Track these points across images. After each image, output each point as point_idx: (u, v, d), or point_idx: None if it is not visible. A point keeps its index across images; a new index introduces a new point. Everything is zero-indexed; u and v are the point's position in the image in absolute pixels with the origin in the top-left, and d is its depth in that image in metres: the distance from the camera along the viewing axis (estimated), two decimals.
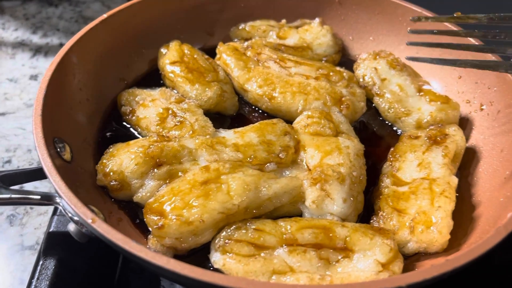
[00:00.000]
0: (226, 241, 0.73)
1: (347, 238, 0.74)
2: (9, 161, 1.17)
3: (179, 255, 0.76)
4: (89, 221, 0.64)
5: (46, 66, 1.46)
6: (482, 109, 0.99)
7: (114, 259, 0.94)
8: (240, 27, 1.22)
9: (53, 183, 0.69)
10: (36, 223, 1.03)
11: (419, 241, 0.77)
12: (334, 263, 0.72)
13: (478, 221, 0.80)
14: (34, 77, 1.42)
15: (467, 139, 0.98)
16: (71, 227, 0.71)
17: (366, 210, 0.85)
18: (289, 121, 0.99)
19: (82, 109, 0.95)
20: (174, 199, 0.75)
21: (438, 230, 0.76)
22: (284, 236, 0.74)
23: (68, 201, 0.66)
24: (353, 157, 0.86)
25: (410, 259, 0.79)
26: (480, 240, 0.67)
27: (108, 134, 0.97)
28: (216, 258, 0.73)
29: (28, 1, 1.74)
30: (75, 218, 0.68)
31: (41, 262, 0.80)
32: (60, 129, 0.84)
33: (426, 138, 0.92)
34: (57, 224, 0.83)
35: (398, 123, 1.03)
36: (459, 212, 0.81)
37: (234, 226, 0.75)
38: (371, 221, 0.82)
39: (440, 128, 0.94)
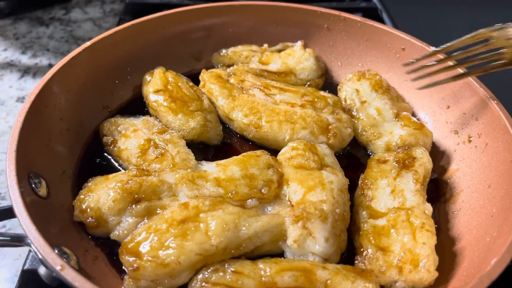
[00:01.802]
0: (203, 284, 0.71)
1: (328, 282, 0.71)
2: None
3: None
4: (58, 268, 0.62)
5: (33, 88, 1.44)
6: (470, 141, 0.97)
7: None
8: (222, 53, 1.21)
9: (22, 225, 0.67)
10: (16, 254, 1.01)
11: (407, 280, 0.76)
12: None
13: (462, 258, 0.79)
14: (21, 99, 1.41)
15: (454, 171, 0.96)
16: (42, 270, 0.69)
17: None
18: (277, 149, 0.98)
19: (62, 140, 0.93)
20: (150, 239, 0.73)
21: (426, 269, 0.75)
22: (263, 278, 0.71)
23: (37, 246, 0.64)
24: (336, 193, 0.84)
25: None
26: None
27: (88, 165, 0.95)
28: None
29: (19, 20, 1.74)
30: (45, 262, 0.66)
31: None
32: (37, 163, 0.83)
33: (394, 163, 0.91)
34: (32, 261, 0.80)
35: (370, 146, 1.02)
36: (440, 244, 0.80)
37: (211, 268, 0.73)
38: (356, 261, 0.80)
39: (407, 150, 0.94)
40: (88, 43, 1.02)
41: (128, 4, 1.55)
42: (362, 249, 0.80)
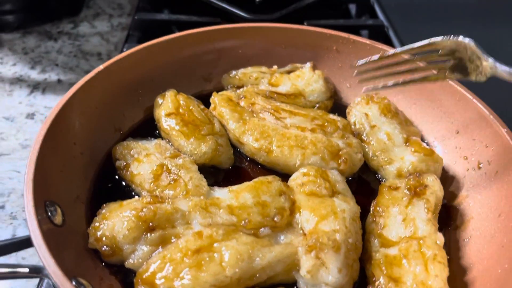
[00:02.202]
0: None
1: None
2: (2, 207, 1.15)
3: None
4: None
5: (43, 104, 1.46)
6: (480, 168, 0.98)
7: None
8: (232, 75, 1.22)
9: (41, 257, 0.68)
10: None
11: None
12: None
13: None
14: (30, 116, 1.42)
15: (464, 197, 0.97)
16: None
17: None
18: (288, 174, 0.99)
19: (76, 164, 0.94)
20: (165, 269, 0.74)
21: None
22: None
23: (55, 279, 0.65)
24: (349, 222, 0.84)
25: None
26: None
27: (101, 189, 0.96)
28: None
29: (28, 34, 1.75)
30: None
31: None
32: (52, 190, 0.83)
33: (406, 190, 0.92)
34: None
35: (381, 171, 1.03)
36: (451, 273, 0.80)
37: None
38: None
39: (418, 178, 0.94)
40: (101, 67, 1.03)
41: (136, 20, 1.56)
42: (374, 279, 0.81)
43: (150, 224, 0.81)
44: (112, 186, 0.97)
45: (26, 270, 0.70)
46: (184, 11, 1.69)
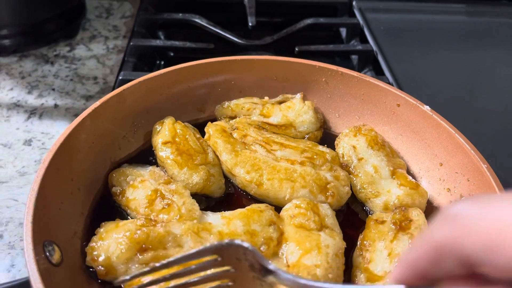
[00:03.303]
0: None
1: None
2: (0, 236, 1.18)
3: None
4: None
5: (40, 129, 1.49)
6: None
7: None
8: (225, 106, 1.26)
9: None
10: None
11: None
12: None
13: None
14: (28, 142, 1.45)
15: None
16: None
17: None
18: (277, 206, 1.02)
19: (73, 200, 0.97)
20: None
21: None
22: None
23: None
24: (331, 257, 0.88)
25: None
26: None
27: (97, 221, 0.99)
28: None
29: (24, 57, 1.78)
30: None
31: None
32: (51, 230, 0.87)
33: (391, 224, 0.96)
34: None
35: (368, 203, 1.07)
36: None
37: None
38: None
39: (404, 212, 0.99)
40: (97, 103, 1.06)
41: (132, 46, 1.60)
42: None
43: (143, 245, 0.87)
44: (108, 216, 1.00)
45: None
46: (178, 34, 1.73)
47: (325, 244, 0.90)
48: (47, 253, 0.82)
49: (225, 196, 1.09)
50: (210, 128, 1.16)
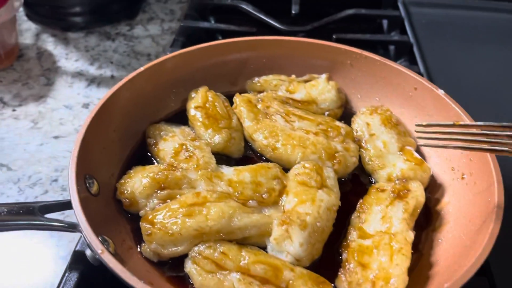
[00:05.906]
0: (197, 254, 0.92)
1: (290, 282, 0.89)
2: (56, 180, 1.38)
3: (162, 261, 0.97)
4: (99, 251, 0.82)
5: (97, 96, 1.69)
6: (463, 178, 1.08)
7: None
8: (255, 81, 1.38)
9: (76, 216, 0.87)
10: (70, 237, 1.23)
11: None
12: None
13: (432, 281, 0.91)
14: (86, 105, 1.65)
15: (446, 203, 1.08)
16: (88, 252, 0.90)
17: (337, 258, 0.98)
18: (290, 169, 1.13)
19: (113, 148, 1.14)
20: (164, 214, 0.96)
21: (396, 286, 0.88)
22: (241, 263, 0.90)
23: (85, 234, 0.84)
24: (323, 210, 0.99)
25: None
26: None
27: (131, 167, 1.15)
28: (187, 264, 0.93)
29: (90, 33, 2.00)
30: (91, 247, 0.86)
31: (66, 275, 0.99)
32: (92, 167, 1.04)
33: (391, 192, 1.04)
34: (82, 245, 1.02)
35: (374, 175, 1.15)
36: (418, 268, 0.94)
37: (206, 244, 0.93)
38: (339, 273, 0.94)
39: (404, 183, 1.05)
40: (141, 68, 1.23)
41: (182, 27, 1.76)
42: (346, 263, 0.94)
43: (162, 185, 1.02)
44: (140, 164, 1.15)
45: (65, 225, 0.90)
46: (226, 19, 1.88)
47: (320, 199, 1.00)
48: (87, 185, 0.99)
49: (243, 158, 1.22)
50: (237, 98, 1.29)
